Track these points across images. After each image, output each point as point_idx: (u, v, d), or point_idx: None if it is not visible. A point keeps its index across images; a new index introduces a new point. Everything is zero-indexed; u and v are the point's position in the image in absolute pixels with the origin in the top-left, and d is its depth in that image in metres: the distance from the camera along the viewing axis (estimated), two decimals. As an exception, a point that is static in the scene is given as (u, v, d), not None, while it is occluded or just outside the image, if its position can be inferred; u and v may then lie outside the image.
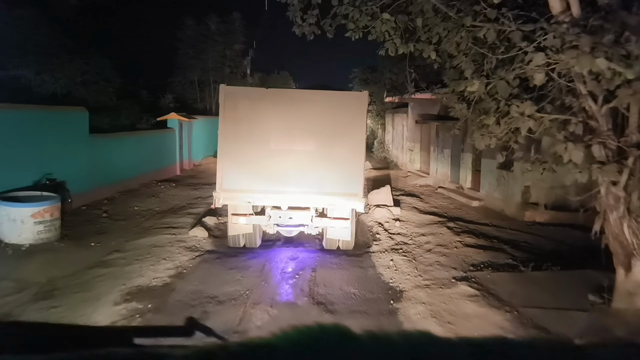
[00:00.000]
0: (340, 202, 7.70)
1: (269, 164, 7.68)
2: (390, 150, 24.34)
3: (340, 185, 7.61)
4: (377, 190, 11.78)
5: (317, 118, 7.76)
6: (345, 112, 7.80)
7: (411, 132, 18.85)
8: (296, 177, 7.63)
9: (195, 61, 27.02)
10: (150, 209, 11.55)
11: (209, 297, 6.08)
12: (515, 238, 9.07)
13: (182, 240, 8.70)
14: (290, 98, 8.40)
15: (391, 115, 24.59)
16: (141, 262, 7.40)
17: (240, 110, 7.74)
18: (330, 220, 7.90)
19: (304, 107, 7.85)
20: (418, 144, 18.38)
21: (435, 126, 15.83)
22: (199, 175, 17.85)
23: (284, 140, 7.72)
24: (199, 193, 13.91)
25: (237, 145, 7.69)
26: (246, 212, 7.92)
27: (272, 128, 7.72)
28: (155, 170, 15.45)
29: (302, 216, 7.97)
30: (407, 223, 10.25)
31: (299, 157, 7.69)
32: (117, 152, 12.99)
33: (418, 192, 14.52)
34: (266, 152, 7.67)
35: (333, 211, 7.87)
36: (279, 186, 7.63)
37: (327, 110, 7.84)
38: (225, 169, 7.73)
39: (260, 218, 8.05)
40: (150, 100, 22.20)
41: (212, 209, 11.42)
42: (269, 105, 7.80)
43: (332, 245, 8.43)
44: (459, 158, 14.12)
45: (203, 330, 4.91)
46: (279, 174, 7.64)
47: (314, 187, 7.60)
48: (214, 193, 7.74)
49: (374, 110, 30.24)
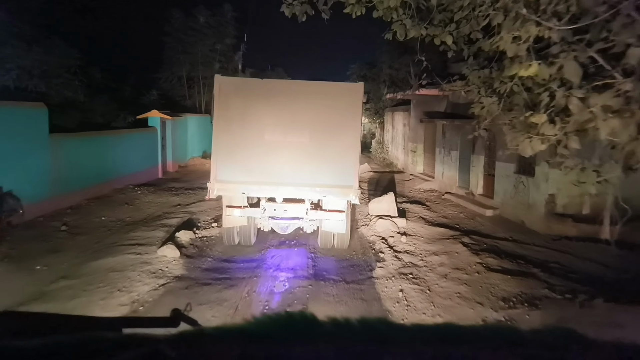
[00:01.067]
0: (335, 194, 7.60)
1: (263, 155, 7.59)
2: (389, 150, 22.92)
3: (335, 177, 7.54)
4: (379, 198, 10.35)
5: (312, 109, 7.64)
6: (340, 104, 7.68)
7: (413, 131, 17.43)
8: (291, 168, 7.56)
9: (183, 56, 25.49)
10: (120, 220, 10.08)
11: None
12: (545, 258, 7.66)
13: (148, 262, 7.24)
14: (286, 89, 8.22)
15: (391, 113, 23.17)
16: (90, 295, 5.94)
17: (235, 100, 7.67)
18: (325, 213, 7.80)
19: (299, 98, 7.73)
20: (421, 144, 16.97)
21: (441, 125, 14.43)
22: (183, 179, 16.38)
23: (278, 132, 7.62)
24: (180, 199, 12.44)
25: (232, 136, 7.62)
26: (241, 204, 7.85)
27: (267, 119, 7.62)
28: (132, 174, 13.97)
29: (297, 209, 7.89)
30: (415, 238, 8.83)
31: (293, 148, 7.60)
32: (85, 154, 11.49)
33: (423, 199, 13.10)
34: (261, 143, 7.58)
35: (328, 204, 7.80)
36: (274, 178, 7.55)
37: (323, 101, 7.72)
38: (219, 159, 7.69)
39: (255, 210, 7.96)
40: (133, 96, 20.69)
41: (190, 220, 10.00)
42: (263, 95, 7.75)
43: (327, 243, 8.30)
44: (469, 161, 12.72)
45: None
46: (274, 166, 7.57)
47: (308, 178, 7.52)
48: (208, 184, 7.66)
49: (372, 108, 28.90)
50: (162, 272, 6.85)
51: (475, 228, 9.89)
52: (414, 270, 7.11)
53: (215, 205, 11.77)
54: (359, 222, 10.18)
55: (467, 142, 12.94)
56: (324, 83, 8.10)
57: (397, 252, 7.96)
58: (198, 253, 7.95)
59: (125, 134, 14.05)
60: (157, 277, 6.65)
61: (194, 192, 13.57)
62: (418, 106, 16.91)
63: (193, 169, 19.30)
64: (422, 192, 14.22)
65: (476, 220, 10.71)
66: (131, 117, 14.92)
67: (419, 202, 12.40)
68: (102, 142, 12.49)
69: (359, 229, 9.68)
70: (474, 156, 12.42)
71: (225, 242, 8.41)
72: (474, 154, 12.40)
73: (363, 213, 10.90)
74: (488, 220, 10.64)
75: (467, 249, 7.96)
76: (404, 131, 19.27)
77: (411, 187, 15.08)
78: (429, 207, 11.82)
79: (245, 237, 8.41)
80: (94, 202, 11.37)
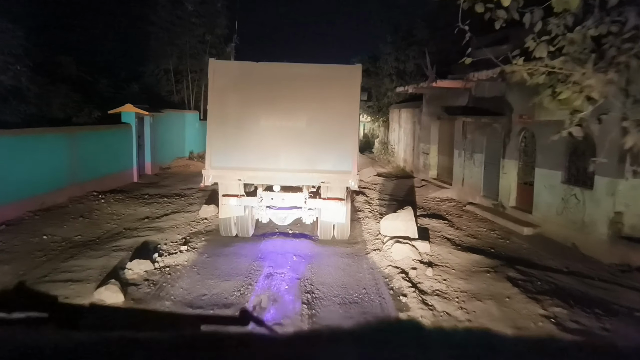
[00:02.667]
0: (334, 179, 7.39)
1: (259, 140, 7.42)
2: (396, 152, 20.80)
3: (333, 163, 7.40)
4: (394, 215, 8.21)
5: (309, 92, 7.48)
6: (338, 86, 7.48)
7: (426, 130, 15.31)
8: (287, 154, 7.42)
9: (170, 48, 23.29)
10: (66, 239, 7.97)
11: None
12: (628, 304, 5.56)
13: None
14: (281, 72, 7.78)
15: (397, 110, 21.06)
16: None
17: (230, 84, 7.51)
18: (324, 202, 7.64)
19: (295, 81, 7.53)
20: (435, 145, 14.84)
21: (461, 123, 12.31)
22: (162, 182, 14.24)
23: (275, 116, 7.46)
24: (150, 210, 10.32)
25: (227, 122, 7.48)
26: (237, 193, 7.66)
27: (263, 103, 7.47)
28: (97, 179, 11.83)
29: (295, 198, 7.76)
30: (445, 270, 6.72)
31: (290, 133, 7.44)
32: (26, 155, 9.33)
33: (442, 211, 11.00)
34: (257, 128, 7.43)
35: (326, 192, 7.64)
36: (270, 164, 7.40)
37: (320, 84, 7.53)
38: (214, 145, 7.49)
39: (252, 199, 7.80)
40: (111, 90, 18.55)
41: (151, 243, 7.87)
42: (259, 79, 7.58)
43: (327, 234, 8.11)
44: (498, 166, 10.61)
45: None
46: (270, 151, 7.42)
47: (306, 164, 7.38)
48: (204, 171, 7.50)
49: (375, 105, 26.87)
50: (89, 333, 4.72)
51: (516, 253, 7.79)
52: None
53: (191, 218, 9.67)
54: (367, 244, 8.06)
55: (495, 144, 10.83)
56: (322, 65, 7.78)
57: (424, 294, 5.84)
58: (153, 294, 5.80)
59: (89, 131, 11.90)
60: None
61: (170, 200, 11.44)
62: (432, 102, 14.79)
63: (176, 171, 17.17)
64: (438, 202, 12.11)
65: (512, 240, 8.60)
66: (98, 112, 12.76)
67: (438, 216, 10.29)
68: (54, 141, 10.33)
69: (369, 254, 7.57)
70: (505, 161, 10.31)
71: (222, 234, 8.20)
72: (505, 158, 10.29)
73: (372, 232, 8.79)
74: (527, 241, 8.53)
75: (518, 289, 5.85)
76: (413, 130, 17.16)
77: (424, 196, 12.97)
78: (452, 223, 9.71)
79: (242, 228, 8.19)
80: (41, 214, 9.23)
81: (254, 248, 7.75)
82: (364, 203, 11.58)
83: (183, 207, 10.75)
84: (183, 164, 18.26)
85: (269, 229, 8.91)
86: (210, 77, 7.58)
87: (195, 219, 9.64)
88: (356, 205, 11.42)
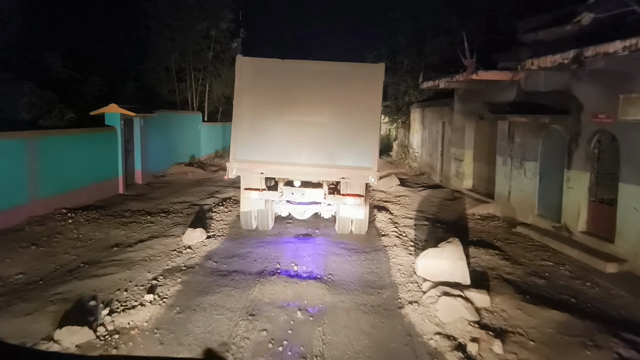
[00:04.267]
0: (354, 175, 7.44)
1: (282, 135, 7.59)
2: (419, 156, 18.61)
3: (353, 159, 7.46)
4: (436, 250, 6.00)
5: (332, 89, 7.60)
6: (361, 85, 7.60)
7: (458, 132, 13.11)
8: (309, 149, 7.54)
9: (171, 43, 21.41)
10: (1, 279, 6.00)
11: None
12: None
13: None
14: (305, 69, 7.87)
15: (419, 110, 18.85)
16: None
17: (255, 81, 7.71)
18: (343, 197, 7.71)
19: (318, 78, 7.69)
20: (470, 150, 12.63)
21: (507, 124, 10.10)
22: (152, 194, 12.29)
23: (298, 112, 7.59)
24: (126, 233, 8.35)
25: (251, 116, 7.66)
26: (259, 187, 7.76)
27: (286, 99, 7.63)
28: (68, 192, 9.91)
29: (314, 193, 7.89)
30: (519, 342, 4.55)
31: (312, 128, 7.57)
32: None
33: (487, 234, 8.82)
34: (280, 123, 7.60)
35: (346, 188, 7.71)
36: (292, 158, 7.50)
37: (343, 82, 7.62)
38: (238, 139, 7.63)
39: (273, 193, 7.98)
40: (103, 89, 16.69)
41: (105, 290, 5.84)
42: (283, 75, 7.76)
43: (345, 229, 8.31)
44: (559, 178, 8.40)
45: None
46: (292, 146, 7.55)
47: (326, 159, 7.47)
48: (227, 164, 7.61)
49: (393, 105, 24.71)
50: None
51: (609, 307, 5.58)
52: None
53: (172, 246, 7.66)
54: (400, 291, 5.90)
55: (555, 150, 8.61)
56: (345, 64, 7.86)
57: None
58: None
59: (58, 135, 9.94)
60: None
61: (154, 218, 9.45)
62: (466, 99, 12.58)
63: (172, 179, 15.21)
64: (479, 222, 9.92)
65: (594, 282, 6.38)
66: (71, 113, 10.81)
67: (485, 244, 8.11)
68: (8, 148, 8.38)
69: (403, 308, 5.42)
70: (570, 172, 8.08)
71: (242, 227, 8.45)
72: (571, 169, 8.06)
73: (404, 269, 6.65)
74: (614, 283, 6.30)
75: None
76: (442, 132, 14.95)
77: (460, 211, 10.79)
78: (506, 254, 7.52)
79: (263, 221, 8.44)
80: (-19, 242, 7.31)
81: (243, 296, 5.67)
82: (389, 223, 9.44)
83: (166, 228, 8.74)
84: (181, 170, 16.29)
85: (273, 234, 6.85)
86: (237, 73, 7.73)
87: (176, 246, 7.63)
88: (378, 226, 9.29)
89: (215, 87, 24.08)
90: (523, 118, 8.88)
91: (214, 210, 10.17)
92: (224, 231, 8.60)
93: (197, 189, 13.28)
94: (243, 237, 8.34)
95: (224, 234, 8.41)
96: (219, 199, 11.65)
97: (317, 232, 8.79)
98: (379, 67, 7.77)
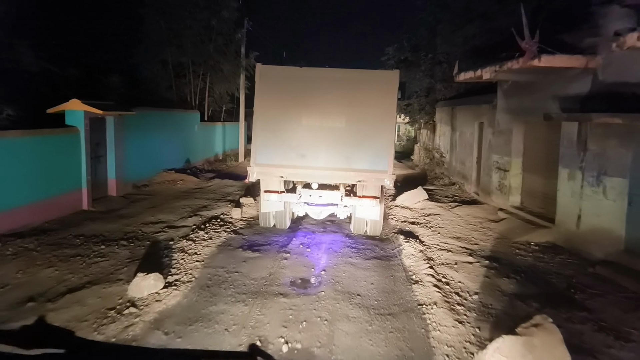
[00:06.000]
0: (370, 178, 7.67)
1: (300, 139, 7.82)
2: (447, 162, 16.08)
3: (369, 162, 7.67)
4: (515, 341, 3.51)
5: (348, 95, 7.81)
6: (376, 90, 7.77)
7: (503, 136, 10.57)
8: (327, 153, 7.75)
9: (168, 35, 19.18)
10: None
11: None
12: None
13: None
14: (322, 76, 8.15)
15: (448, 109, 16.32)
16: None
17: (275, 88, 7.95)
18: (359, 200, 7.96)
19: (335, 84, 7.87)
20: (519, 159, 10.07)
21: (576, 126, 7.56)
22: (126, 210, 10.04)
23: (315, 117, 7.81)
24: (59, 275, 6.08)
25: (271, 122, 7.88)
26: (278, 189, 8.06)
27: (304, 105, 7.86)
28: (7, 212, 7.67)
29: (331, 195, 8.15)
30: None
31: (329, 133, 7.77)
32: None
33: (556, 277, 6.30)
34: (298, 128, 7.83)
35: (362, 190, 7.97)
36: (310, 162, 7.75)
37: (359, 88, 7.82)
38: (259, 144, 7.87)
39: (291, 195, 8.23)
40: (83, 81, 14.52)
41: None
42: (301, 82, 8.01)
43: (360, 229, 8.50)
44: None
45: None
46: (310, 150, 7.78)
47: (343, 162, 7.69)
48: (249, 167, 7.89)
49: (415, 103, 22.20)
50: None
51: None
52: None
53: (113, 300, 5.30)
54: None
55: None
56: (361, 71, 8.03)
57: None
58: None
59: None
60: None
61: (110, 248, 7.19)
62: (514, 93, 10.03)
63: (158, 189, 12.94)
64: (538, 255, 7.40)
65: None
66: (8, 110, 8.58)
67: (560, 297, 5.61)
68: None
69: None
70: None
71: (261, 225, 8.69)
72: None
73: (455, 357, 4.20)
74: None
75: None
76: (478, 135, 12.43)
77: (509, 239, 8.29)
78: (597, 317, 5.00)
79: (280, 221, 8.68)
80: None
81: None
82: (420, 259, 6.99)
83: (117, 267, 6.42)
84: (170, 178, 14.00)
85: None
86: (257, 80, 7.98)
87: (117, 301, 5.29)
88: (407, 265, 6.86)
89: (217, 83, 21.84)
90: (616, 118, 6.33)
91: (189, 237, 7.83)
92: (193, 274, 6.23)
93: (183, 202, 10.99)
94: (218, 282, 5.98)
95: (191, 279, 6.05)
96: (204, 218, 9.33)
97: (321, 279, 6.42)
98: (394, 74, 8.02)
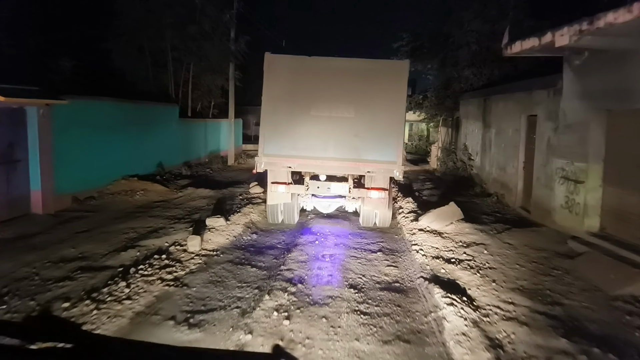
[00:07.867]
0: (379, 169, 7.57)
1: (308, 130, 7.73)
2: (478, 166, 13.06)
3: (378, 153, 7.56)
4: None
5: (357, 86, 7.70)
6: (385, 80, 7.71)
7: (571, 133, 7.54)
8: (335, 143, 7.66)
9: (144, 16, 16.31)
10: None
11: None
12: None
13: None
14: (331, 66, 7.92)
15: (478, 101, 13.28)
16: None
17: (283, 77, 7.87)
18: (367, 191, 7.82)
19: (344, 74, 7.79)
20: (598, 164, 7.02)
21: None
22: (45, 236, 7.20)
23: (323, 107, 7.74)
24: None
25: (279, 112, 7.79)
26: (285, 181, 7.92)
27: (313, 95, 7.78)
28: None
29: (340, 187, 8.01)
30: None
31: (338, 123, 7.69)
32: None
33: None
34: (306, 118, 7.75)
35: (371, 181, 7.81)
36: (319, 152, 7.66)
37: (368, 78, 7.74)
38: (267, 134, 7.76)
39: (299, 187, 8.09)
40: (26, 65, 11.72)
41: None
42: (310, 72, 7.92)
43: (369, 222, 8.41)
44: None
45: None
46: (319, 141, 7.69)
47: (352, 153, 7.60)
48: (256, 158, 7.80)
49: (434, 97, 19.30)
50: None
51: None
52: None
53: None
54: None
55: None
56: (370, 60, 7.89)
57: None
58: None
59: None
60: None
61: None
62: (592, 71, 6.99)
63: (108, 202, 9.98)
64: None
65: None
66: None
67: None
68: None
69: None
70: None
71: (269, 221, 8.50)
72: None
73: None
74: None
75: None
76: (525, 132, 9.40)
77: (603, 291, 5.28)
78: None
79: (288, 215, 8.50)
80: None
81: None
82: (479, 342, 4.01)
83: None
84: (129, 188, 11.01)
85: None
86: (266, 70, 7.82)
87: None
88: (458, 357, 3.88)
89: (203, 74, 18.93)
90: None
91: (95, 298, 4.86)
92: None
93: (129, 224, 8.07)
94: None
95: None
96: (143, 252, 6.43)
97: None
98: (404, 64, 7.87)
